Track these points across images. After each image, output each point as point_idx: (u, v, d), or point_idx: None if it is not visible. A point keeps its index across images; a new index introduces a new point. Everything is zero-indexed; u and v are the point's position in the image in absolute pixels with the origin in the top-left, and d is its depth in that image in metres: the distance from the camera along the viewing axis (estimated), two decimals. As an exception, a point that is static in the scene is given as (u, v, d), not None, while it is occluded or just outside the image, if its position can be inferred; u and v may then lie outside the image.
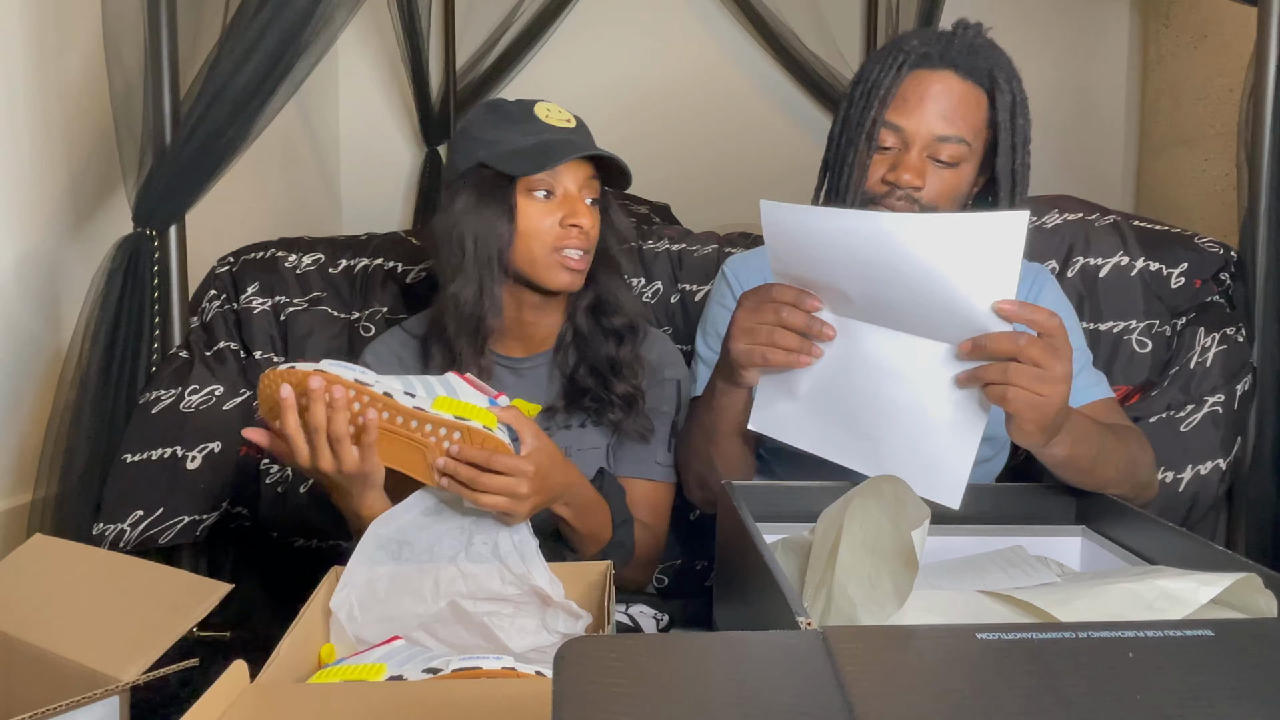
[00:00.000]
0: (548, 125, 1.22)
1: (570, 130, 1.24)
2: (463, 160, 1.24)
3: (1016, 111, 1.15)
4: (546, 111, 1.24)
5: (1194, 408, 1.44)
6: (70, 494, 1.47)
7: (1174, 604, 0.70)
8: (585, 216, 1.21)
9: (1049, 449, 0.95)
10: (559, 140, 1.21)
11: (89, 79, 1.65)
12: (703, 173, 2.90)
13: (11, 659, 0.92)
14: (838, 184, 1.21)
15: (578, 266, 1.22)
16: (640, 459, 1.29)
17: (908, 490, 0.80)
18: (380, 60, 3.02)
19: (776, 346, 0.96)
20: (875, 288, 0.89)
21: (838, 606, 0.78)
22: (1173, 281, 1.51)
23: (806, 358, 0.96)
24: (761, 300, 0.98)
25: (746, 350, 0.98)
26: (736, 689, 0.49)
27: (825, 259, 0.91)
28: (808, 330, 0.95)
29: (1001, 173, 1.16)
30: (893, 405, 0.93)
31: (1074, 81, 2.89)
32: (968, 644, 0.53)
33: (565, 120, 1.25)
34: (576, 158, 1.20)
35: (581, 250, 1.22)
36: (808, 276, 0.95)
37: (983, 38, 1.17)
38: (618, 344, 1.28)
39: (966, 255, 0.84)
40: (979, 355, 0.87)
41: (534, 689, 0.80)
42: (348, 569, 1.00)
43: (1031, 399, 0.87)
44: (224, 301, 1.61)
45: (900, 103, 1.15)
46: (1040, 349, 0.86)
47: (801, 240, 0.92)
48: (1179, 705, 0.47)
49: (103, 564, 1.05)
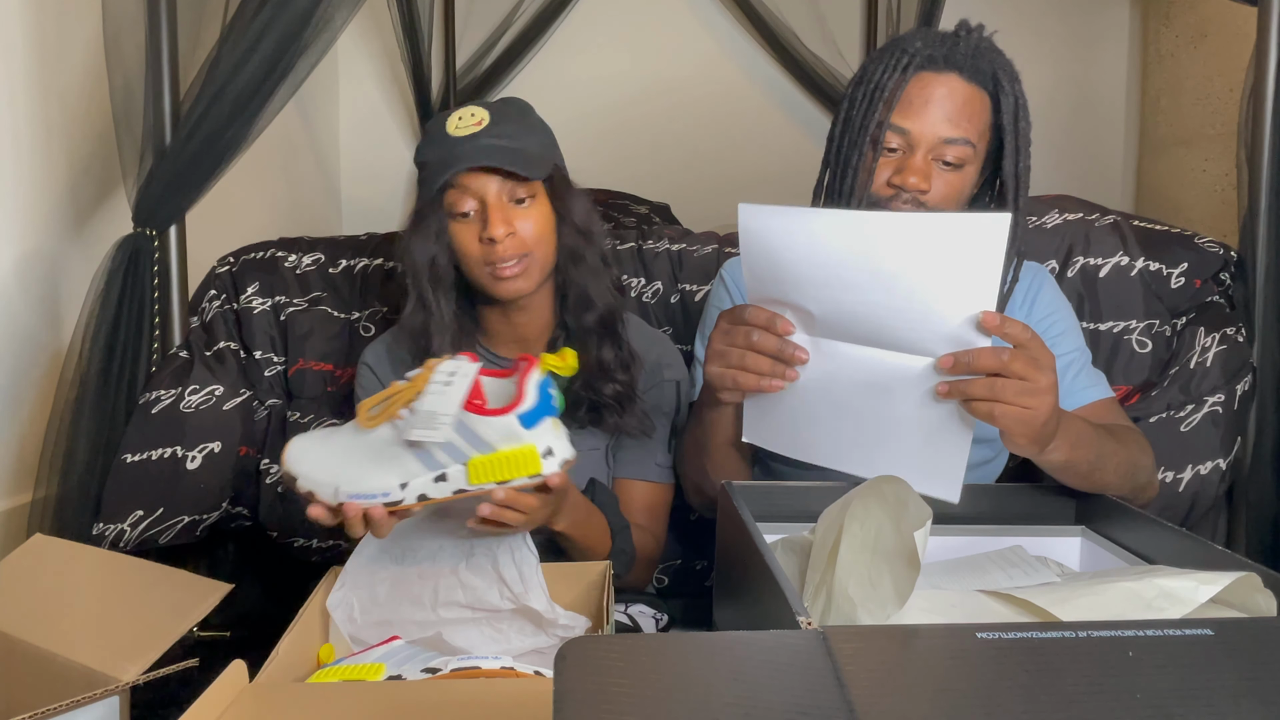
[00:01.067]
0: (452, 138, 1.17)
1: (476, 135, 1.17)
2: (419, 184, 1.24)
3: (1019, 114, 1.15)
4: (456, 121, 1.18)
5: (1194, 408, 1.44)
6: (70, 494, 1.47)
7: (1173, 603, 0.70)
8: (499, 226, 1.15)
9: (1046, 455, 0.95)
10: (453, 154, 1.16)
11: (89, 79, 1.65)
12: (703, 173, 2.90)
13: (11, 659, 0.92)
14: (840, 186, 1.20)
15: (511, 273, 1.18)
16: (640, 460, 1.29)
17: (909, 490, 0.80)
18: (380, 60, 3.02)
19: (748, 370, 0.96)
20: (855, 293, 0.89)
21: (838, 606, 0.78)
22: (1173, 281, 1.51)
23: (778, 381, 0.95)
24: (734, 322, 0.97)
25: (719, 374, 0.98)
26: (737, 689, 0.49)
27: (804, 263, 0.90)
28: (779, 354, 0.95)
29: (1007, 175, 1.16)
30: (879, 417, 0.93)
31: (1074, 81, 2.90)
32: (968, 643, 0.53)
33: (475, 123, 1.18)
34: (456, 172, 1.15)
35: (511, 259, 1.17)
36: (785, 289, 0.93)
37: (986, 40, 1.17)
38: (598, 343, 1.25)
39: (947, 256, 0.84)
40: (960, 371, 0.87)
41: (533, 688, 0.80)
42: (346, 569, 1.00)
43: (1020, 413, 0.87)
44: (224, 301, 1.61)
45: (905, 105, 1.14)
46: (1023, 362, 0.86)
47: (780, 245, 0.91)
48: (1179, 704, 0.47)
49: (103, 564, 1.05)
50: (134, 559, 1.05)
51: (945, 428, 0.91)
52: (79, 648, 0.90)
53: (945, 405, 0.90)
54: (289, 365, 1.57)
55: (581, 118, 3.02)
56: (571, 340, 1.26)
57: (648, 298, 1.60)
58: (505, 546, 1.00)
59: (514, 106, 1.23)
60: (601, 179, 2.65)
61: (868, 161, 1.16)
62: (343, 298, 1.61)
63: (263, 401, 1.55)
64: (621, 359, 1.25)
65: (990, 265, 0.83)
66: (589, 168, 1.33)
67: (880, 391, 0.92)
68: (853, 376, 0.93)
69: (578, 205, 1.24)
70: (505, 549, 1.00)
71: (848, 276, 0.88)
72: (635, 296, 1.59)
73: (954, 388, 0.88)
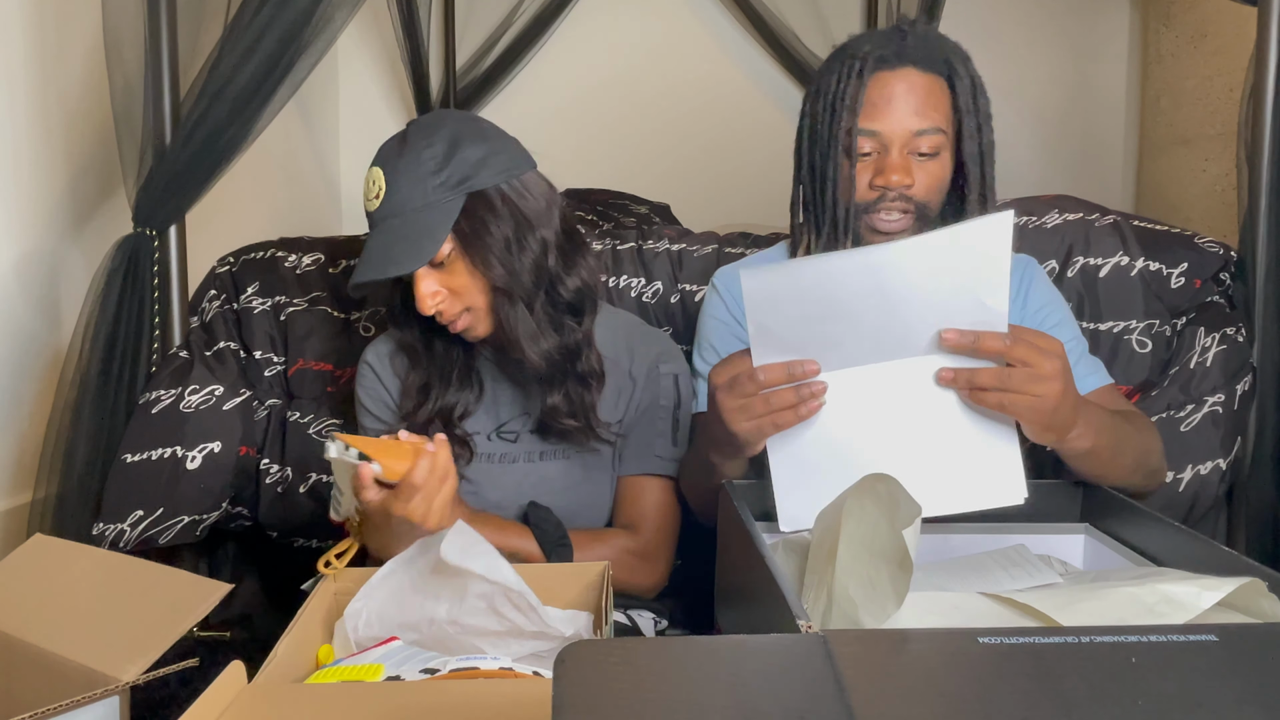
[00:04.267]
0: (369, 213, 1.17)
1: (378, 212, 1.15)
2: None
3: (976, 92, 1.17)
4: (370, 186, 1.17)
5: (1194, 408, 1.44)
6: (70, 494, 1.47)
7: (1176, 609, 0.70)
8: (424, 299, 1.14)
9: (1069, 443, 0.95)
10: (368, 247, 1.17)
11: (89, 79, 1.65)
12: (703, 173, 2.90)
13: (11, 659, 0.92)
14: (820, 199, 1.20)
15: (462, 327, 1.18)
16: (640, 455, 1.27)
17: (899, 488, 0.80)
18: (380, 60, 3.02)
19: (774, 409, 0.92)
20: (875, 322, 0.88)
21: (839, 607, 0.78)
22: (1173, 281, 1.51)
23: (814, 403, 0.91)
24: (737, 376, 0.93)
25: (754, 427, 0.93)
26: (737, 692, 0.49)
27: (819, 310, 0.88)
28: (791, 378, 0.91)
29: (969, 156, 1.17)
30: (917, 434, 0.91)
31: (1074, 81, 2.89)
32: (969, 648, 0.53)
33: (375, 196, 1.16)
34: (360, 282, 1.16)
35: (454, 318, 1.17)
36: (799, 340, 0.90)
37: (932, 29, 1.19)
38: (543, 391, 1.22)
39: (957, 265, 0.84)
40: (964, 352, 0.88)
41: (531, 689, 0.80)
42: (370, 584, 0.99)
43: (1030, 401, 0.87)
44: (224, 301, 1.61)
45: (870, 108, 1.15)
46: (1025, 348, 0.86)
47: (790, 299, 0.88)
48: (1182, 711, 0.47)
49: (103, 564, 1.05)
50: (134, 559, 1.04)
51: (987, 425, 0.90)
52: (79, 648, 0.90)
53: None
54: (289, 365, 1.57)
55: (581, 118, 3.02)
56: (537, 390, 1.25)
57: (648, 298, 1.60)
58: (500, 594, 0.97)
59: (410, 148, 1.15)
60: (601, 179, 2.65)
61: (845, 170, 1.17)
62: (343, 298, 1.61)
63: (263, 401, 1.55)
64: (572, 401, 1.22)
65: (1001, 262, 0.84)
66: (589, 168, 1.33)
67: (913, 404, 0.91)
68: (879, 399, 0.91)
69: (498, 230, 1.14)
70: (501, 596, 0.97)
71: (860, 307, 0.87)
72: (635, 296, 1.59)
73: (959, 375, 0.88)
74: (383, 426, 1.30)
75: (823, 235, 1.21)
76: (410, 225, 1.13)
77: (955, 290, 0.85)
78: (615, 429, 1.26)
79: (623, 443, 1.29)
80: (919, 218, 1.17)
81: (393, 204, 1.14)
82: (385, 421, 1.30)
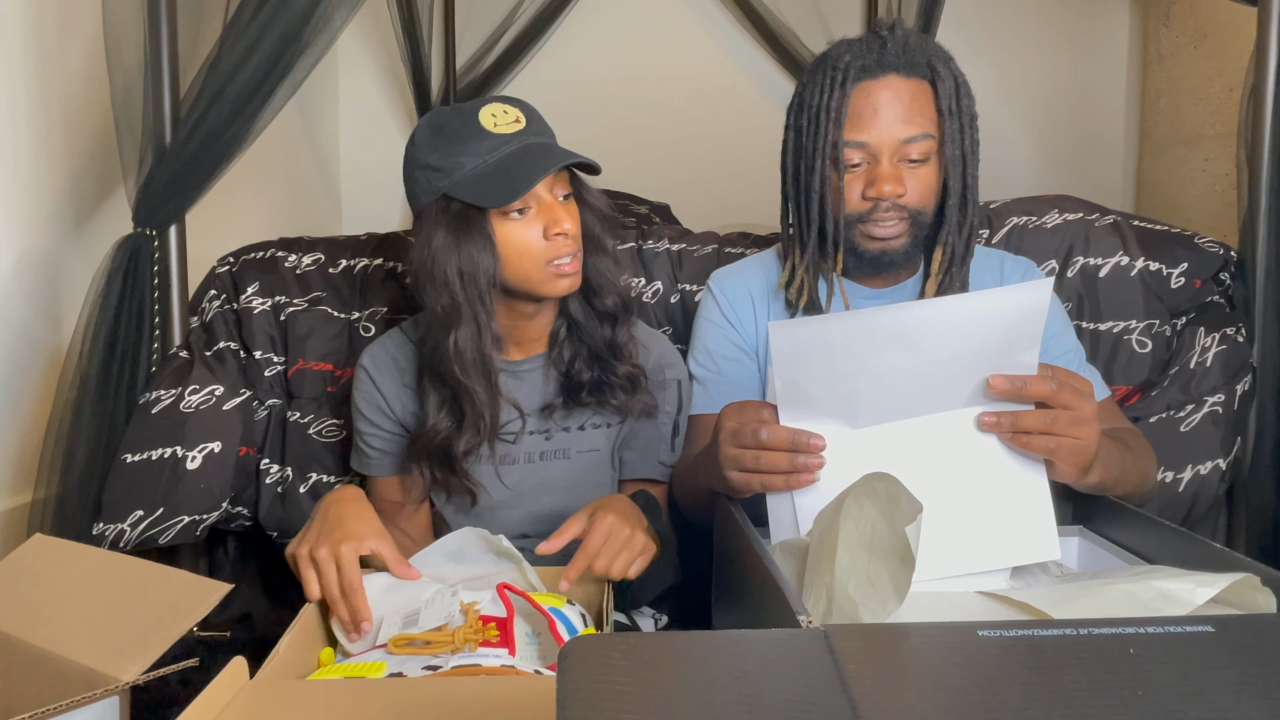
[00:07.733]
0: (500, 136, 1.13)
1: (523, 133, 1.15)
2: (424, 193, 1.16)
3: (960, 93, 1.15)
4: (493, 119, 1.14)
5: (1194, 408, 1.45)
6: (70, 494, 1.47)
7: (1171, 605, 0.70)
8: (567, 220, 1.14)
9: (1085, 480, 0.94)
10: (518, 153, 1.13)
11: (89, 79, 1.65)
12: (703, 173, 2.91)
13: (11, 659, 0.92)
14: (809, 213, 1.19)
15: (572, 269, 1.17)
16: (645, 460, 1.30)
17: (900, 486, 0.80)
18: (380, 60, 3.02)
19: (764, 471, 0.90)
20: (905, 378, 0.87)
21: (839, 607, 0.78)
22: (1173, 281, 1.51)
23: (807, 476, 0.89)
24: (742, 426, 0.92)
25: (744, 480, 0.93)
26: (740, 687, 0.49)
27: (848, 366, 0.87)
28: (794, 447, 0.89)
29: (950, 160, 1.15)
30: (949, 490, 0.89)
31: (1074, 81, 2.90)
32: (969, 641, 0.53)
33: (514, 121, 1.15)
34: (552, 171, 1.13)
35: (572, 253, 1.16)
36: (826, 392, 0.89)
37: (911, 31, 1.17)
38: (612, 326, 1.25)
39: (995, 325, 0.84)
40: (1014, 396, 0.86)
41: (533, 686, 0.80)
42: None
43: (1074, 444, 0.87)
44: (224, 301, 1.61)
45: (855, 119, 1.13)
46: (1070, 392, 0.86)
47: (819, 354, 0.87)
48: (1180, 701, 0.47)
49: (103, 564, 1.05)
50: (134, 559, 1.04)
51: (1017, 477, 0.89)
52: (79, 648, 0.90)
53: (1008, 453, 0.88)
54: (289, 365, 1.57)
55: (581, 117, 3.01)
56: (575, 328, 1.26)
57: (648, 298, 1.60)
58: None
59: (524, 103, 1.20)
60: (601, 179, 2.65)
61: (834, 183, 1.16)
62: (343, 298, 1.61)
63: (263, 401, 1.55)
64: (631, 346, 1.26)
65: (1035, 324, 0.83)
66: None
67: (939, 460, 0.89)
68: (904, 454, 0.89)
69: (592, 193, 1.23)
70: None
71: (887, 362, 0.86)
72: (635, 296, 1.59)
73: (1002, 419, 0.87)
74: (378, 432, 1.30)
75: (809, 248, 1.21)
76: (564, 150, 1.16)
77: (989, 347, 0.85)
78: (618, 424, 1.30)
79: (624, 445, 1.30)
80: (914, 224, 1.16)
81: (534, 128, 1.17)
82: (381, 427, 1.30)
